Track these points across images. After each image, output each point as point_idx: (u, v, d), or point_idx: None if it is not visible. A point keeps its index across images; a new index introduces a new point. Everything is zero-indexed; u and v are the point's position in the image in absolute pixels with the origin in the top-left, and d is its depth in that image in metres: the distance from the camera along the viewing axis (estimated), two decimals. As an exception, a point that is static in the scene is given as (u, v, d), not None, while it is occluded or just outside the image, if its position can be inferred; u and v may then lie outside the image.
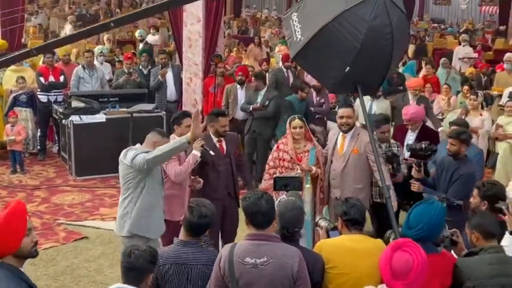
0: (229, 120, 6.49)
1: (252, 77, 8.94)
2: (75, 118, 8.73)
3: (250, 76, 9.34)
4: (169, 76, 9.81)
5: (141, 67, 10.49)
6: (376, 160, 4.70)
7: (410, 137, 6.43)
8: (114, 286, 3.12)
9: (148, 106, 9.24)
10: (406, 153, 6.09)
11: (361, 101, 4.74)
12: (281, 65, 10.61)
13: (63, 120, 8.94)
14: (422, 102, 8.02)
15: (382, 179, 4.36)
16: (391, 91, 9.56)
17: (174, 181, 5.15)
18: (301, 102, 8.30)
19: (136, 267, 3.13)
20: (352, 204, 3.70)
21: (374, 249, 3.48)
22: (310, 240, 5.33)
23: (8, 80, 9.85)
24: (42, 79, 9.54)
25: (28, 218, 2.90)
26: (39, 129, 9.78)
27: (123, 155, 4.69)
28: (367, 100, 6.84)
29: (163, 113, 9.26)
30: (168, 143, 4.70)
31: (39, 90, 9.64)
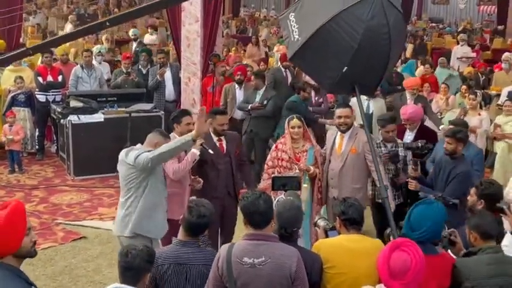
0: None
1: (252, 76, 8.92)
2: (73, 118, 8.71)
3: (249, 76, 9.34)
4: (167, 76, 9.80)
5: (140, 67, 10.48)
6: (374, 160, 4.71)
7: (409, 137, 6.43)
8: (112, 286, 3.12)
9: (147, 106, 9.23)
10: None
11: (358, 101, 4.75)
12: (279, 65, 10.61)
13: (62, 120, 8.93)
14: (420, 101, 8.01)
15: (380, 179, 4.38)
16: (391, 90, 9.58)
17: (173, 179, 5.14)
18: (303, 103, 8.31)
19: (133, 267, 3.13)
20: (350, 204, 3.70)
21: (372, 249, 3.48)
22: (309, 240, 5.34)
23: (6, 79, 9.84)
24: (40, 79, 9.53)
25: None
26: (37, 129, 9.77)
27: (124, 155, 4.65)
28: (363, 99, 6.84)
29: (161, 112, 9.26)
30: (173, 141, 4.67)
31: (37, 90, 9.63)
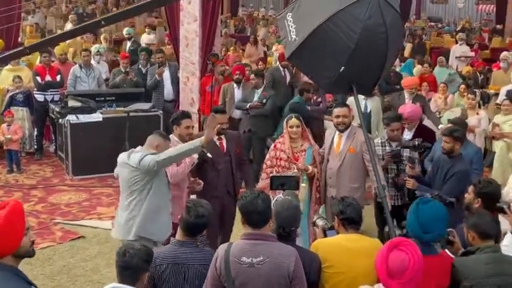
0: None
1: (252, 75, 8.90)
2: (71, 117, 8.71)
3: (248, 75, 9.33)
4: (166, 75, 9.81)
5: (141, 66, 10.48)
6: (371, 159, 4.71)
7: (407, 136, 6.44)
8: (110, 286, 3.12)
9: (145, 105, 9.23)
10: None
11: (356, 100, 4.75)
12: (278, 64, 10.60)
13: (60, 120, 8.92)
14: (419, 100, 8.01)
15: (378, 179, 4.38)
16: (389, 90, 9.59)
17: (171, 182, 5.13)
18: (305, 104, 8.32)
19: (131, 266, 3.13)
20: (349, 203, 3.71)
21: (370, 249, 3.48)
22: (307, 239, 5.34)
23: (4, 79, 9.84)
24: (38, 78, 9.52)
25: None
26: (35, 129, 9.77)
27: (127, 157, 4.59)
28: (361, 99, 6.84)
29: (160, 112, 9.26)
30: (181, 145, 4.69)
31: (35, 89, 9.62)
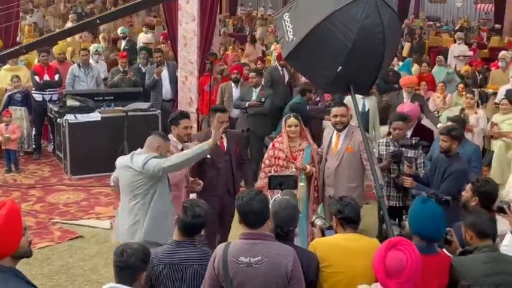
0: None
1: (250, 74, 8.89)
2: (70, 117, 8.70)
3: (246, 74, 9.33)
4: (164, 74, 9.81)
5: (140, 65, 10.46)
6: (369, 159, 4.71)
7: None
8: (107, 286, 3.11)
9: (144, 105, 9.22)
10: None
11: (353, 100, 4.75)
12: (276, 63, 10.61)
13: (58, 119, 8.92)
14: (417, 99, 8.01)
15: (375, 179, 4.38)
16: (387, 89, 9.59)
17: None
18: (306, 104, 8.32)
19: (128, 266, 3.12)
20: (347, 203, 3.70)
21: (369, 248, 3.47)
22: (305, 239, 5.33)
23: (2, 78, 9.83)
24: (37, 78, 9.51)
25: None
26: (34, 128, 9.75)
27: (129, 160, 4.49)
28: (358, 98, 6.85)
29: (158, 111, 9.26)
30: (188, 150, 4.68)
31: (34, 89, 9.61)
